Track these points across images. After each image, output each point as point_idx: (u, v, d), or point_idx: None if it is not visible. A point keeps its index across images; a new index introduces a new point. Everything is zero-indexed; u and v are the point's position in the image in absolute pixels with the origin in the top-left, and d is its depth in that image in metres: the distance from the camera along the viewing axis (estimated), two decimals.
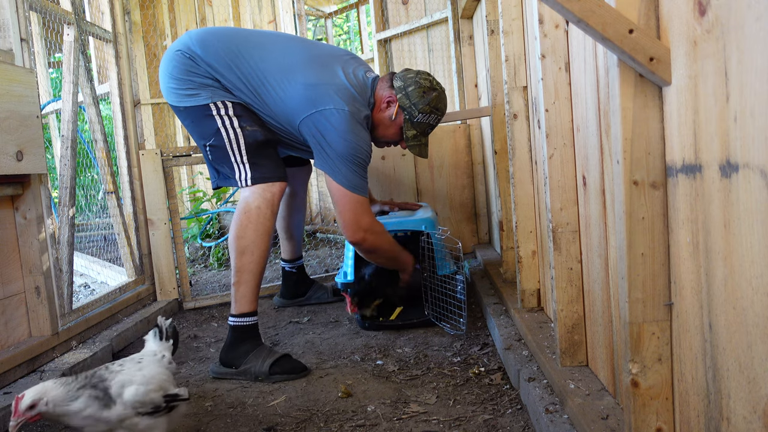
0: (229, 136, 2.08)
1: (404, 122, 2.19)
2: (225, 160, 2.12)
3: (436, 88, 2.19)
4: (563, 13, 0.92)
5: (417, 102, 2.15)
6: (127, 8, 3.02)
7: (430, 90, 2.16)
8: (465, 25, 3.48)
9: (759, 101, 0.69)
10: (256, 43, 2.15)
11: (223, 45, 2.10)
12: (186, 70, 2.09)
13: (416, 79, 2.16)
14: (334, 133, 2.02)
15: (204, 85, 2.08)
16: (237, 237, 2.03)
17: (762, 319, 0.72)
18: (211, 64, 2.08)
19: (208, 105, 2.07)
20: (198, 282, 3.54)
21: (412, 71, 2.21)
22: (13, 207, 2.02)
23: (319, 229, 4.62)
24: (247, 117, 2.10)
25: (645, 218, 0.98)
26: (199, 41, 2.11)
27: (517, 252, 2.07)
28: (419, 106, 2.15)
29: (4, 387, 1.82)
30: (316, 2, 5.14)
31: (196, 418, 1.69)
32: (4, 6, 2.00)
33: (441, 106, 2.21)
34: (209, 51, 2.09)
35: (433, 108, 2.17)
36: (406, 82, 2.16)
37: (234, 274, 2.03)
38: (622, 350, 1.04)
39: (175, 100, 2.13)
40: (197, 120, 2.11)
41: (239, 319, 2.03)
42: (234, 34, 2.21)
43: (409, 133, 2.21)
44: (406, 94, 2.15)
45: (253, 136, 2.09)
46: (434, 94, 2.16)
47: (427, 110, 2.17)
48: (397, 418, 1.58)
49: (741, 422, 0.79)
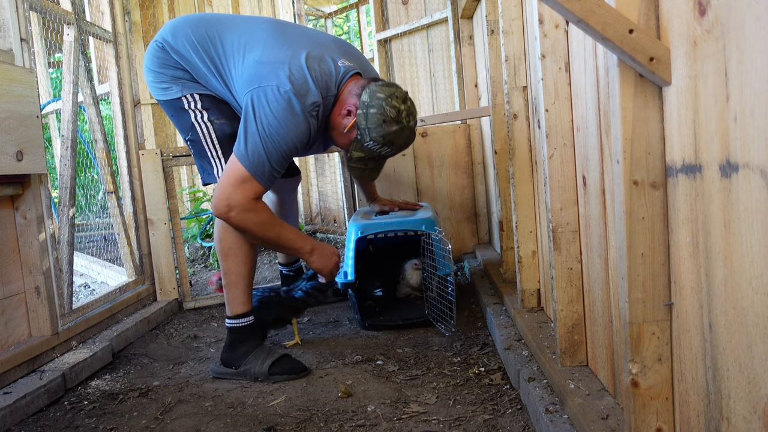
0: (202, 130, 2.05)
1: (354, 140, 1.99)
2: (203, 155, 2.09)
3: (401, 121, 1.92)
4: (563, 13, 0.92)
5: (372, 128, 1.92)
6: (127, 8, 3.02)
7: (392, 122, 1.91)
8: (465, 25, 3.48)
9: (759, 101, 0.69)
10: (227, 24, 2.05)
11: (193, 30, 2.04)
12: (160, 63, 2.07)
13: (382, 104, 1.90)
14: (265, 110, 1.82)
15: (175, 78, 2.06)
16: (219, 240, 1.99)
17: (762, 319, 0.72)
18: (179, 52, 2.03)
19: (180, 98, 2.06)
20: (198, 282, 3.54)
21: (387, 90, 1.93)
22: (13, 207, 2.02)
23: (319, 229, 4.62)
24: (215, 109, 2.05)
25: (645, 218, 0.97)
26: (171, 29, 2.08)
27: (517, 252, 2.07)
28: (372, 134, 1.93)
29: (4, 387, 1.82)
30: (316, 2, 5.13)
31: (196, 418, 1.69)
32: (4, 6, 2.00)
33: (399, 141, 1.96)
34: (178, 38, 2.04)
35: (388, 141, 1.94)
36: (372, 101, 1.91)
37: (223, 277, 2.03)
38: (622, 350, 1.04)
39: (155, 93, 2.13)
40: (175, 114, 2.10)
41: (235, 320, 2.03)
42: (207, 18, 2.12)
43: (355, 154, 2.01)
44: (366, 113, 1.91)
45: (221, 130, 2.04)
46: (394, 128, 1.91)
47: (380, 141, 1.94)
48: (397, 418, 1.58)
49: (741, 422, 0.79)
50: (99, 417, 1.75)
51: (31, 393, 1.78)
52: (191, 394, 1.87)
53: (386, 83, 1.96)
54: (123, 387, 1.97)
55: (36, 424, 1.72)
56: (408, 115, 1.94)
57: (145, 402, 1.84)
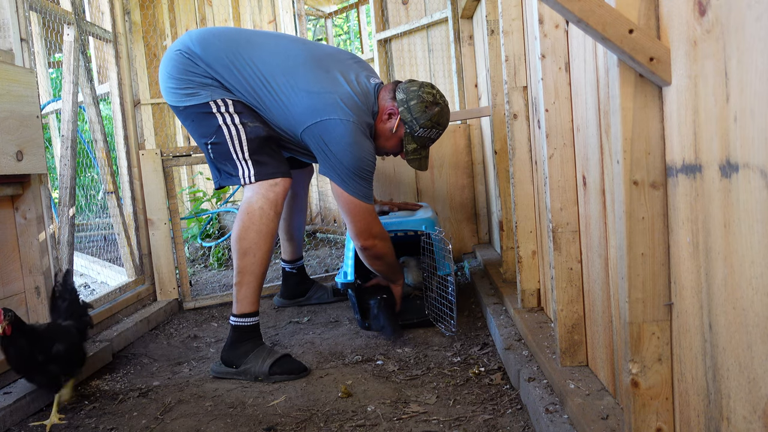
0: (231, 132, 2.07)
1: (405, 135, 2.19)
2: (227, 157, 2.10)
3: (439, 102, 2.16)
4: (563, 13, 0.92)
5: (419, 117, 2.13)
6: (127, 8, 3.02)
7: (433, 105, 2.14)
8: (465, 25, 3.48)
9: (759, 101, 0.69)
10: (257, 44, 2.13)
11: (224, 45, 2.09)
12: (185, 70, 2.08)
13: (419, 93, 2.14)
14: (340, 145, 2.01)
15: (203, 85, 2.07)
16: (239, 238, 2.02)
17: (762, 319, 0.72)
18: (210, 65, 2.06)
19: (207, 103, 2.06)
20: (198, 282, 3.54)
21: (415, 83, 2.17)
22: (13, 207, 2.02)
23: (319, 229, 4.62)
24: (248, 113, 2.09)
25: (645, 218, 0.97)
26: (199, 41, 2.10)
27: (517, 252, 2.07)
28: (421, 121, 2.14)
29: (4, 387, 1.82)
30: (316, 2, 5.13)
31: (196, 418, 1.69)
32: (4, 6, 2.00)
33: (443, 121, 2.19)
34: (209, 51, 2.07)
35: (435, 123, 2.16)
36: (409, 95, 2.14)
37: (236, 274, 2.03)
38: (622, 350, 1.04)
39: (175, 100, 2.12)
40: (197, 119, 2.11)
41: (240, 319, 2.03)
42: (235, 34, 2.18)
43: (410, 147, 2.20)
44: (408, 107, 2.13)
45: (255, 132, 2.07)
46: (436, 109, 2.14)
47: (429, 125, 2.15)
48: (397, 418, 1.58)
49: (741, 422, 0.79)
50: (99, 417, 1.75)
51: (31, 393, 1.78)
52: (191, 394, 1.87)
53: (409, 80, 2.21)
54: (123, 387, 1.97)
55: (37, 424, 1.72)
56: (441, 96, 2.20)
57: (145, 402, 1.84)
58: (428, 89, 2.16)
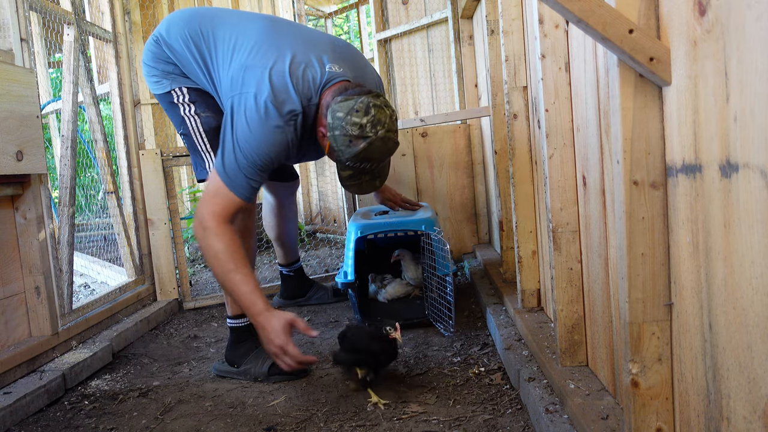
0: (191, 123, 2.03)
1: (336, 161, 1.89)
2: (195, 149, 2.08)
3: (367, 136, 1.75)
4: (563, 13, 0.92)
5: (343, 150, 1.79)
6: (127, 8, 3.02)
7: (358, 139, 1.75)
8: (465, 25, 3.48)
9: (759, 101, 0.69)
10: (221, 22, 2.00)
11: (187, 25, 2.02)
12: (154, 57, 2.07)
13: (343, 124, 1.75)
14: (241, 119, 1.78)
15: (166, 72, 2.05)
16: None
17: (762, 319, 0.72)
18: (171, 46, 2.02)
19: (170, 92, 2.05)
20: (198, 282, 3.54)
21: (345, 105, 1.76)
22: (13, 207, 2.02)
23: (319, 229, 4.62)
24: (202, 102, 2.03)
25: (645, 218, 0.97)
26: (166, 23, 2.07)
27: (517, 252, 2.07)
28: (345, 155, 1.80)
29: (4, 387, 1.82)
30: (316, 2, 5.13)
31: (196, 418, 1.69)
32: (4, 6, 2.00)
33: (374, 155, 1.80)
34: (171, 33, 2.03)
35: (362, 159, 1.80)
36: (334, 122, 1.77)
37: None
38: (622, 350, 1.04)
39: (150, 87, 2.13)
40: (168, 109, 2.10)
41: (235, 320, 2.05)
42: (202, 13, 2.08)
43: (344, 174, 1.90)
44: (333, 136, 1.79)
45: (207, 123, 2.03)
46: (362, 146, 1.76)
47: (355, 160, 1.81)
48: (397, 418, 1.58)
49: (741, 422, 0.79)
50: (99, 417, 1.75)
51: (31, 393, 1.78)
52: (191, 394, 1.87)
53: (347, 96, 1.79)
54: (123, 387, 1.97)
55: (36, 425, 1.72)
56: (374, 125, 1.75)
57: (145, 402, 1.84)
58: (355, 118, 1.74)
